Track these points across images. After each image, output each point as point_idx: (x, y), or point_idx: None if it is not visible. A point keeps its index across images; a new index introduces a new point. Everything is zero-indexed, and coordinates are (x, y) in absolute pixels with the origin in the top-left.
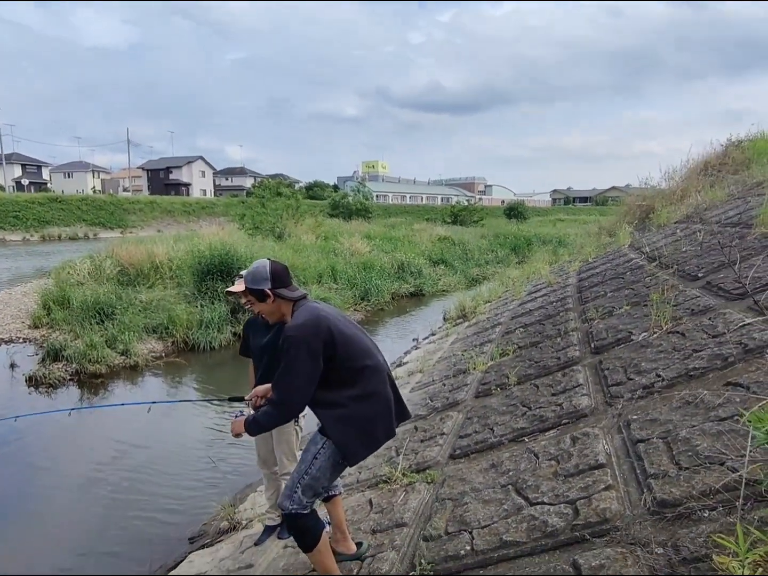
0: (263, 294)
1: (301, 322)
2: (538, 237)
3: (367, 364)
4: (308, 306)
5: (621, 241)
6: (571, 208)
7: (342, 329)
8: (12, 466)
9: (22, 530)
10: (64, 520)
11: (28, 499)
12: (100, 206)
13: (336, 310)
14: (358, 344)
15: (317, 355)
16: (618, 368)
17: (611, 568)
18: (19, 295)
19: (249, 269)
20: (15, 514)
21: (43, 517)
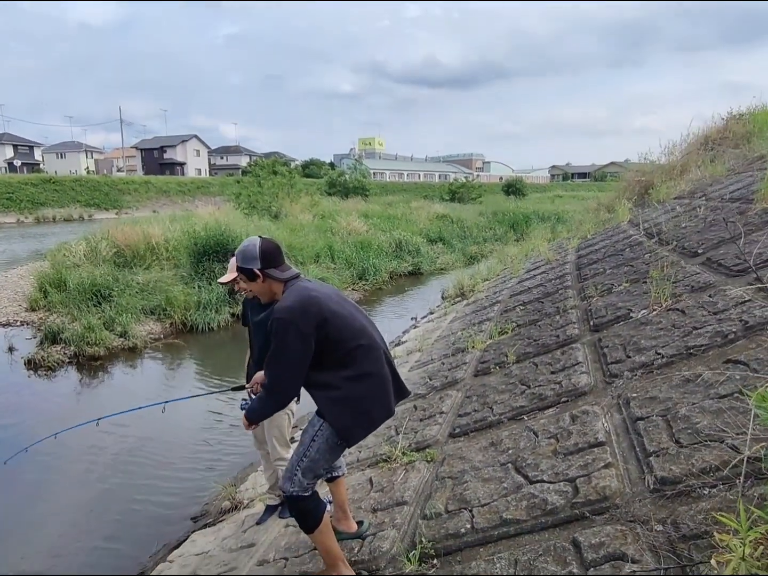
0: (253, 274)
1: (289, 304)
2: (537, 214)
3: (361, 343)
4: (298, 286)
5: (620, 218)
6: (570, 184)
7: (334, 309)
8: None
9: (29, 511)
10: (68, 503)
11: (33, 483)
12: (94, 187)
13: (330, 289)
14: (351, 324)
15: (307, 337)
16: (617, 346)
17: (611, 546)
18: (15, 278)
19: (239, 247)
20: (20, 496)
21: (47, 500)
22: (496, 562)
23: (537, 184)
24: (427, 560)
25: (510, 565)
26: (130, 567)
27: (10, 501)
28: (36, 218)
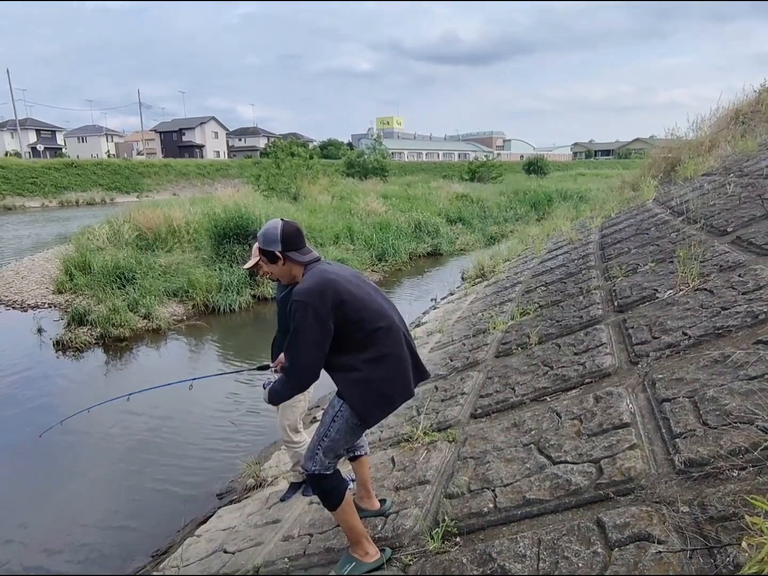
0: (274, 256)
1: (307, 286)
2: (559, 192)
3: (380, 325)
4: (317, 269)
5: (645, 196)
6: (593, 161)
7: (352, 291)
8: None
9: (62, 484)
10: (99, 478)
11: (65, 458)
12: (115, 170)
13: (349, 271)
14: (370, 305)
15: (325, 320)
16: (642, 327)
17: (636, 526)
18: (41, 261)
19: (261, 230)
20: (54, 469)
21: (79, 474)
22: (519, 541)
23: (559, 162)
24: (450, 538)
25: (533, 544)
26: (160, 541)
27: (44, 474)
28: (60, 202)
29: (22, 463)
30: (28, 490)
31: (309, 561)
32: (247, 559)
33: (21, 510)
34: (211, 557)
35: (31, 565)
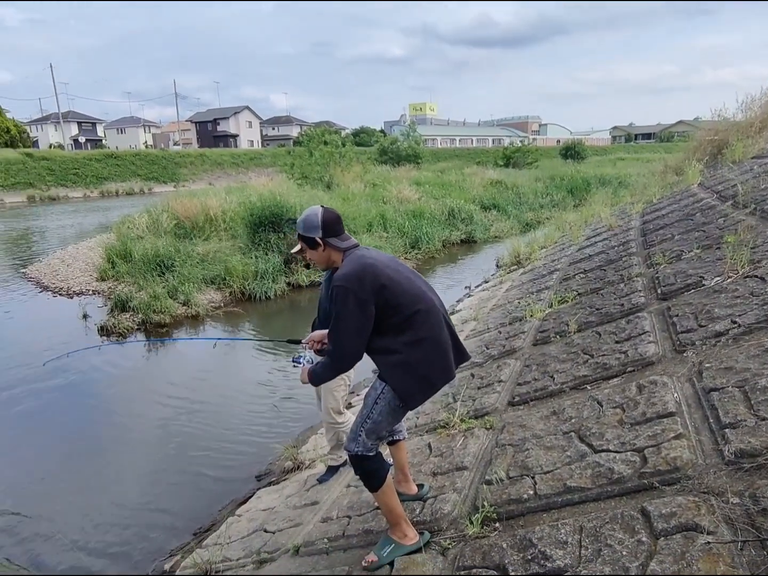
0: (314, 242)
1: (347, 272)
2: (597, 178)
3: (419, 308)
4: (356, 254)
5: (689, 180)
6: (633, 145)
7: (392, 275)
8: (90, 399)
9: (103, 460)
10: (140, 459)
11: (107, 433)
12: (152, 161)
13: (387, 256)
14: (409, 289)
15: (366, 304)
16: (688, 315)
17: (683, 516)
18: (85, 249)
19: (301, 216)
20: (95, 445)
21: (120, 455)
22: (560, 528)
23: (597, 146)
24: (489, 524)
25: (575, 531)
26: (201, 519)
27: (90, 455)
28: (100, 192)
29: (74, 445)
30: (75, 470)
31: (348, 542)
32: (287, 538)
33: (68, 487)
34: (252, 536)
35: (79, 540)
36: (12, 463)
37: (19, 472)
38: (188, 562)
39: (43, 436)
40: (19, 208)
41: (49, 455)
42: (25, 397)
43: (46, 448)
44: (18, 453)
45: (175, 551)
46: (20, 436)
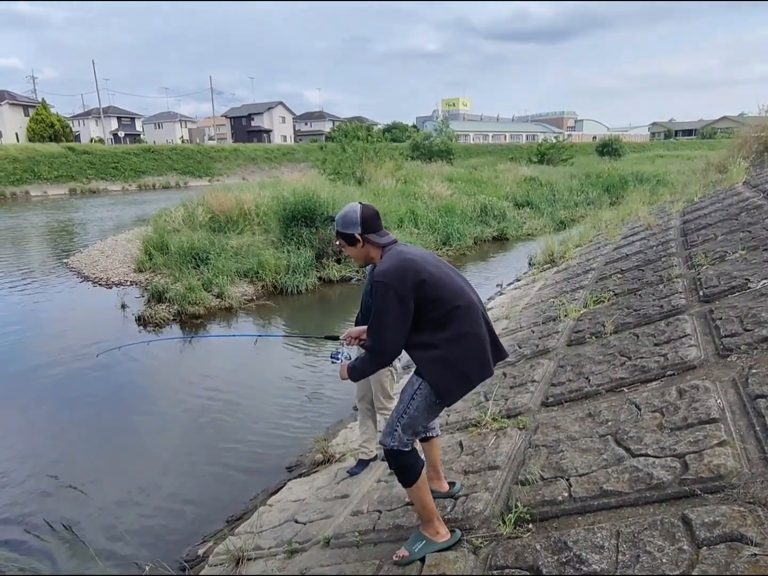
0: (353, 238)
1: (386, 267)
2: (634, 175)
3: (459, 304)
4: (394, 250)
5: (734, 178)
6: (673, 142)
7: (431, 271)
8: (130, 388)
9: (140, 447)
10: (174, 443)
11: (145, 421)
12: (188, 155)
13: (426, 252)
14: (449, 285)
15: (406, 300)
16: (732, 318)
17: (727, 526)
18: (123, 241)
19: (340, 213)
20: (133, 431)
21: (155, 439)
22: (596, 532)
23: (635, 143)
24: (522, 524)
25: (612, 536)
26: (234, 507)
27: (123, 443)
28: (138, 186)
29: (114, 431)
30: (114, 454)
31: (378, 536)
32: (317, 530)
33: (108, 469)
34: (283, 526)
35: (115, 517)
36: (58, 441)
37: (63, 451)
38: (221, 549)
39: (88, 421)
40: (61, 200)
41: (90, 438)
42: (69, 384)
43: (89, 431)
44: (65, 434)
45: (208, 537)
46: (68, 419)
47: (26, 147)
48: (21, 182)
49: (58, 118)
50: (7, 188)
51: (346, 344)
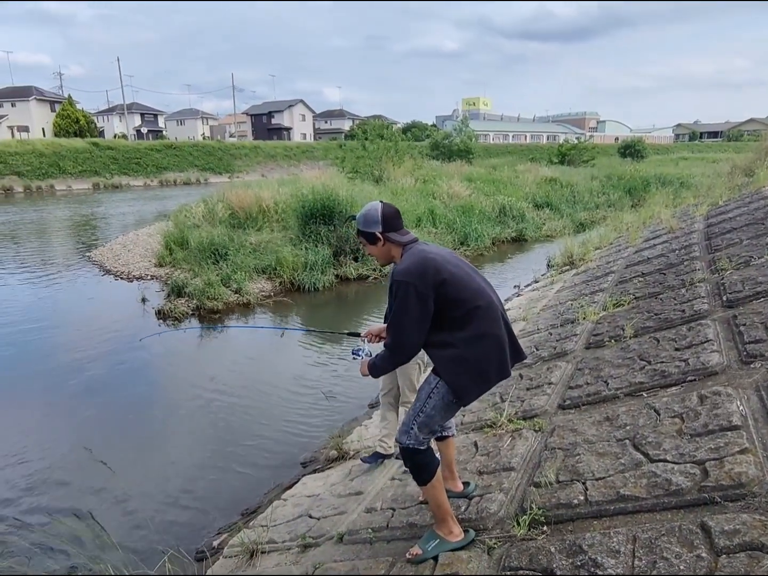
0: (374, 237)
1: (407, 266)
2: (657, 178)
3: (479, 304)
4: (415, 249)
5: (761, 182)
6: (698, 144)
7: (452, 270)
8: (146, 381)
9: (157, 439)
10: (189, 438)
11: (162, 413)
12: (209, 152)
13: (447, 252)
14: (469, 284)
15: (426, 298)
16: (757, 324)
17: (748, 534)
18: (144, 236)
19: (361, 211)
20: (150, 423)
21: (172, 432)
22: (612, 536)
23: (658, 144)
24: (537, 526)
25: (628, 540)
26: (248, 500)
27: (141, 433)
28: (160, 182)
29: (131, 422)
30: (130, 445)
31: (392, 534)
32: (331, 525)
33: (126, 459)
34: (297, 520)
35: (128, 513)
36: (78, 431)
37: (81, 441)
38: (235, 541)
39: (109, 413)
40: (85, 195)
41: (110, 429)
42: (92, 375)
43: (108, 423)
44: (83, 423)
45: (223, 529)
46: (90, 409)
47: (52, 142)
48: (46, 176)
49: (83, 114)
50: (33, 182)
51: (367, 341)
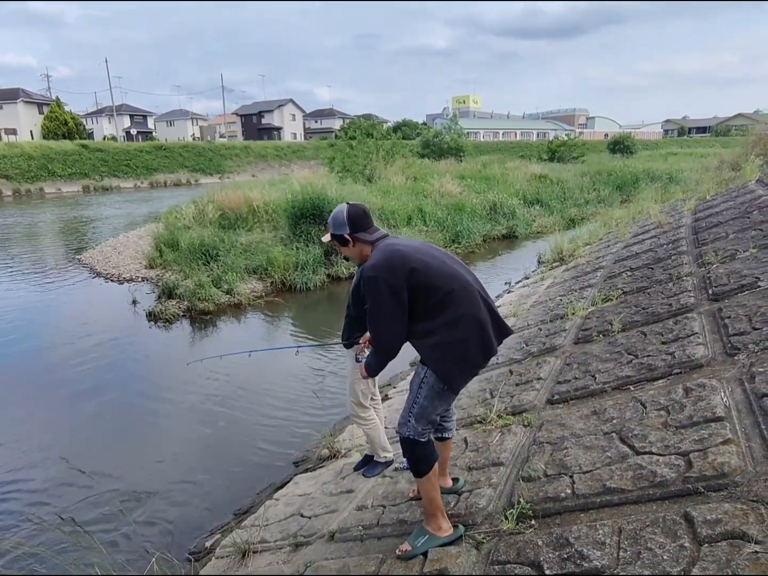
0: (344, 239)
1: (375, 261)
2: (646, 173)
3: (452, 287)
4: (383, 244)
5: (747, 176)
6: (687, 139)
7: (422, 258)
8: (137, 383)
9: (150, 440)
10: (180, 439)
11: (154, 415)
12: (199, 153)
13: (417, 242)
14: (441, 270)
15: (398, 290)
16: (741, 317)
17: (729, 524)
18: (135, 238)
19: (331, 215)
20: (143, 425)
21: (164, 433)
22: (598, 529)
23: (648, 140)
24: (525, 520)
25: (613, 532)
26: (240, 501)
27: (136, 432)
28: (150, 183)
29: (125, 423)
30: (123, 445)
31: (382, 531)
32: (322, 524)
33: (117, 461)
34: (289, 519)
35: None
36: (67, 435)
37: (71, 444)
38: (228, 541)
39: (99, 414)
40: (75, 198)
41: (100, 430)
42: (81, 377)
43: (97, 424)
44: (72, 428)
45: (216, 530)
46: (79, 413)
47: (40, 144)
48: (36, 179)
49: (71, 116)
50: (22, 185)
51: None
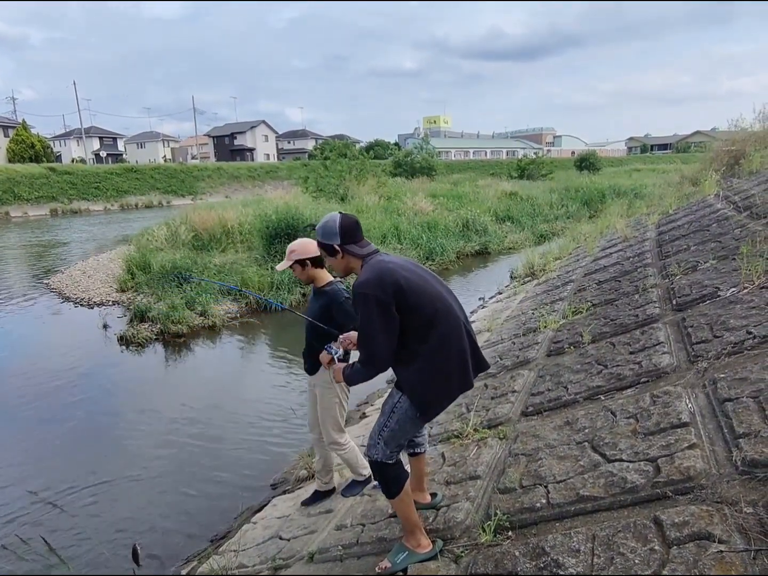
0: (333, 249)
1: (366, 278)
2: (612, 189)
3: (437, 307)
4: (374, 260)
5: (706, 191)
6: (649, 156)
7: (410, 277)
8: (109, 404)
9: (117, 465)
10: (154, 463)
11: (123, 439)
12: (171, 174)
13: (405, 260)
14: (425, 289)
15: (388, 306)
16: (703, 325)
17: (696, 525)
18: (105, 261)
19: (320, 222)
20: (110, 449)
21: (133, 458)
22: (573, 537)
23: (612, 157)
24: (502, 532)
25: (588, 539)
26: (218, 526)
27: (108, 458)
28: (121, 205)
29: (91, 447)
30: (89, 474)
31: (362, 549)
32: (302, 545)
33: (87, 487)
34: (267, 543)
35: (96, 537)
36: (36, 462)
37: (41, 471)
38: (204, 568)
39: (69, 439)
40: (42, 221)
41: (72, 455)
42: (48, 403)
43: (69, 449)
44: (43, 454)
45: (192, 557)
46: (48, 439)
47: (6, 168)
48: (1, 203)
49: (38, 139)
50: None
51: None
